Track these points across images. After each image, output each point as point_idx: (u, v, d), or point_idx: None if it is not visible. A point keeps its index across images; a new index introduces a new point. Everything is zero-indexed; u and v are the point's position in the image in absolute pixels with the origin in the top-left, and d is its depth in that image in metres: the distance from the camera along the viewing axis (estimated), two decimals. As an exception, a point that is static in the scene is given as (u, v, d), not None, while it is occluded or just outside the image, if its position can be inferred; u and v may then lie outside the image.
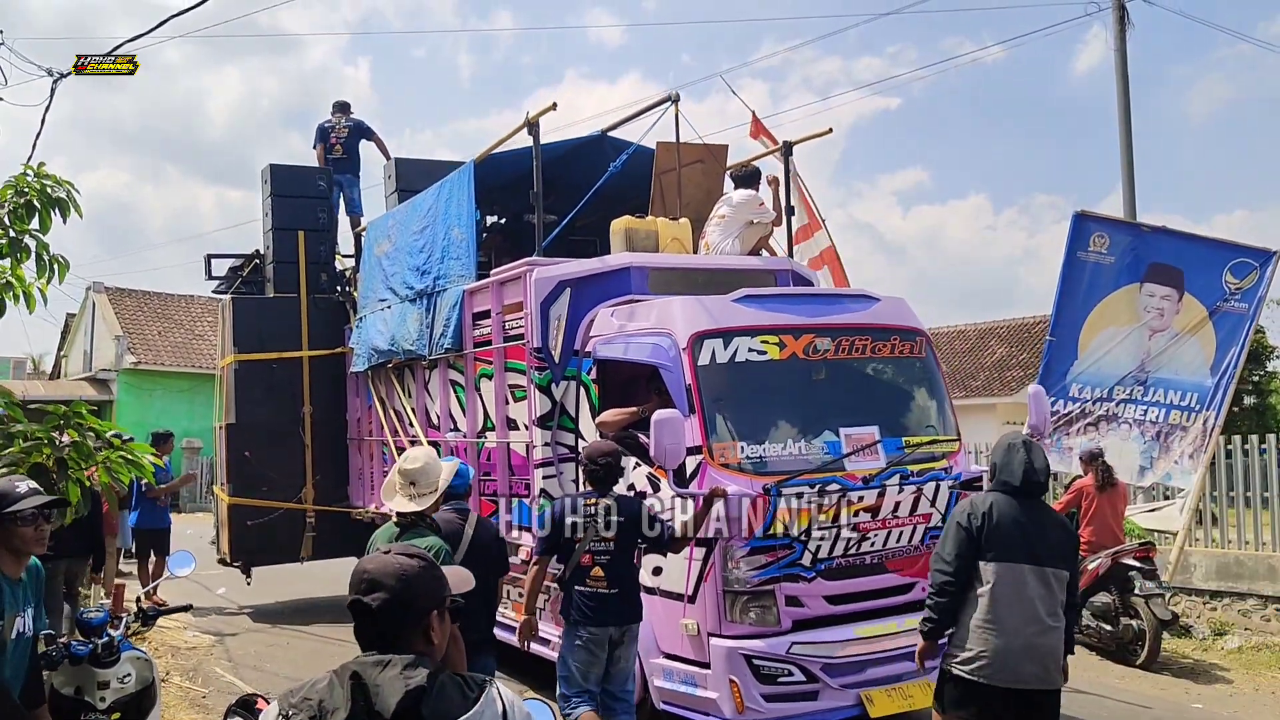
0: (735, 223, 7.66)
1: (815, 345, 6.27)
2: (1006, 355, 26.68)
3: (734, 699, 5.59)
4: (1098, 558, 9.08)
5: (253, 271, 11.63)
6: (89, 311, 30.30)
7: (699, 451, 5.83)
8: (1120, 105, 15.14)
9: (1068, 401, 10.46)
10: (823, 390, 6.42)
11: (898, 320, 6.70)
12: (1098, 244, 10.35)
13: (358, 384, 10.75)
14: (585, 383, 6.81)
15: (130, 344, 27.36)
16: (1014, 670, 4.43)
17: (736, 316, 6.19)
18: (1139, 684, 8.33)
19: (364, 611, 2.10)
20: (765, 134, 12.83)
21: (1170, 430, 10.23)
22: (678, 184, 8.19)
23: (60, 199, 5.48)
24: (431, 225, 8.86)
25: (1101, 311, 10.38)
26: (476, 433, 8.08)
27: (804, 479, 5.84)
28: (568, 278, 7.07)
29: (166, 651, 8.72)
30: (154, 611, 5.27)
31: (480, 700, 2.05)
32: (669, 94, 7.85)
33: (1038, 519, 4.59)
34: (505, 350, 7.55)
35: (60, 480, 4.96)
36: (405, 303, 9.21)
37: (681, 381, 5.98)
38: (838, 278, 12.66)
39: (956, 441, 6.64)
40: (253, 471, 10.77)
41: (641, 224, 7.66)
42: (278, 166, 11.38)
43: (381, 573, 2.11)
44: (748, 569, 5.71)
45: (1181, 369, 10.23)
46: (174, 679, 7.84)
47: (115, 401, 26.71)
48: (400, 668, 2.02)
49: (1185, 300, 10.27)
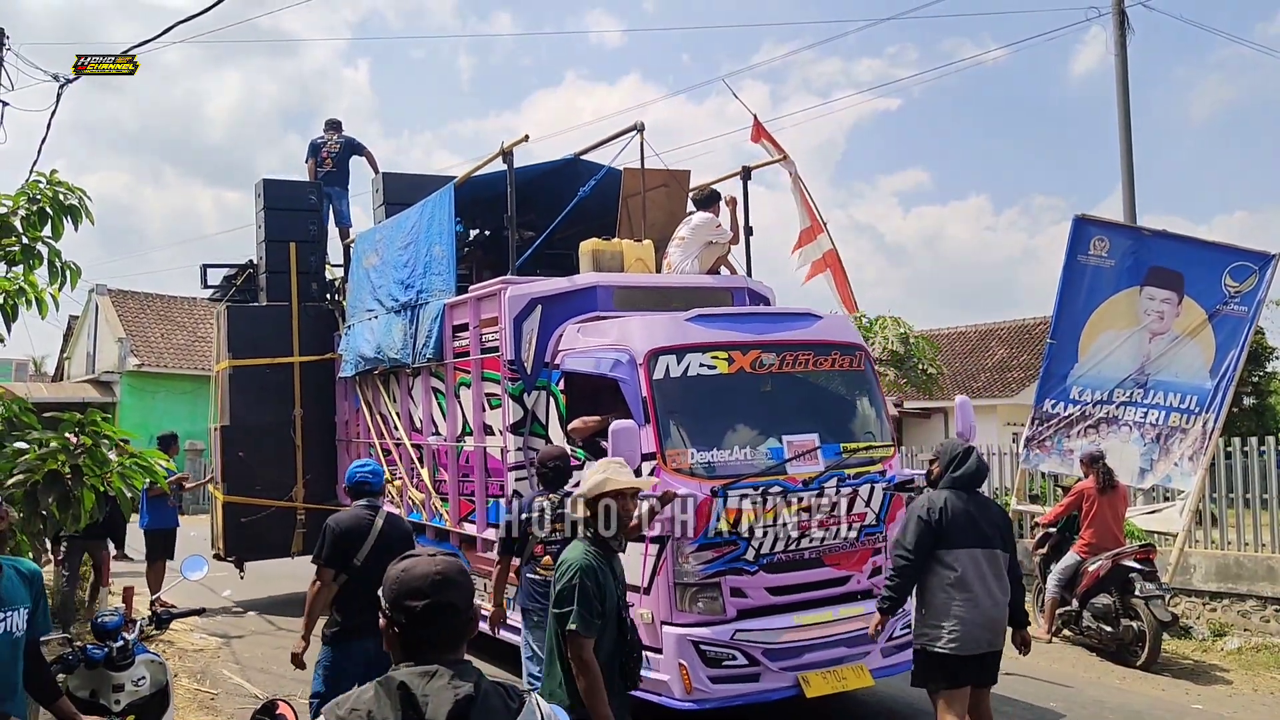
0: (694, 243, 8.27)
1: (761, 360, 6.89)
2: (1007, 357, 26.62)
3: (683, 681, 6.21)
4: (1098, 560, 9.10)
5: (246, 280, 12.20)
6: (92, 313, 30.39)
7: (653, 457, 6.44)
8: (1120, 109, 15.22)
9: (1068, 404, 10.61)
10: (768, 401, 7.02)
11: (838, 336, 7.33)
12: (1098, 247, 10.49)
13: (346, 388, 11.33)
14: (554, 393, 7.42)
15: (133, 346, 27.48)
16: (978, 640, 5.28)
17: (689, 334, 6.79)
18: (1139, 685, 8.35)
19: (447, 611, 2.12)
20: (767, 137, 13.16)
21: (1170, 432, 10.29)
22: (642, 207, 8.80)
23: (72, 206, 5.59)
24: (415, 242, 9.44)
25: (1102, 314, 10.51)
26: (456, 437, 8.68)
27: (749, 482, 6.45)
28: (539, 295, 7.68)
29: (174, 654, 8.91)
30: (167, 615, 5.38)
31: (522, 711, 2.10)
32: (635, 123, 8.44)
33: (982, 509, 5.48)
34: (482, 361, 8.16)
35: (75, 487, 5.16)
36: (390, 314, 9.79)
37: (638, 394, 6.58)
38: (839, 281, 13.13)
39: (891, 447, 7.27)
40: (246, 471, 11.35)
41: (608, 245, 8.27)
42: (270, 181, 11.97)
43: (451, 571, 2.16)
44: (696, 564, 6.33)
45: (1181, 371, 10.28)
46: (183, 681, 7.95)
47: (118, 404, 26.76)
48: (448, 678, 2.05)
49: (1185, 303, 10.34)
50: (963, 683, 5.33)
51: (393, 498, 10.07)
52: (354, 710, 2.02)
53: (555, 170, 9.65)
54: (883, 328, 14.52)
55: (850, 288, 13.39)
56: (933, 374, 15.08)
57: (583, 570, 3.94)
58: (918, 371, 14.76)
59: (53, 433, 5.28)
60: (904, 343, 14.47)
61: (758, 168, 9.52)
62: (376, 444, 10.33)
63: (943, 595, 5.26)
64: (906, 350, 14.60)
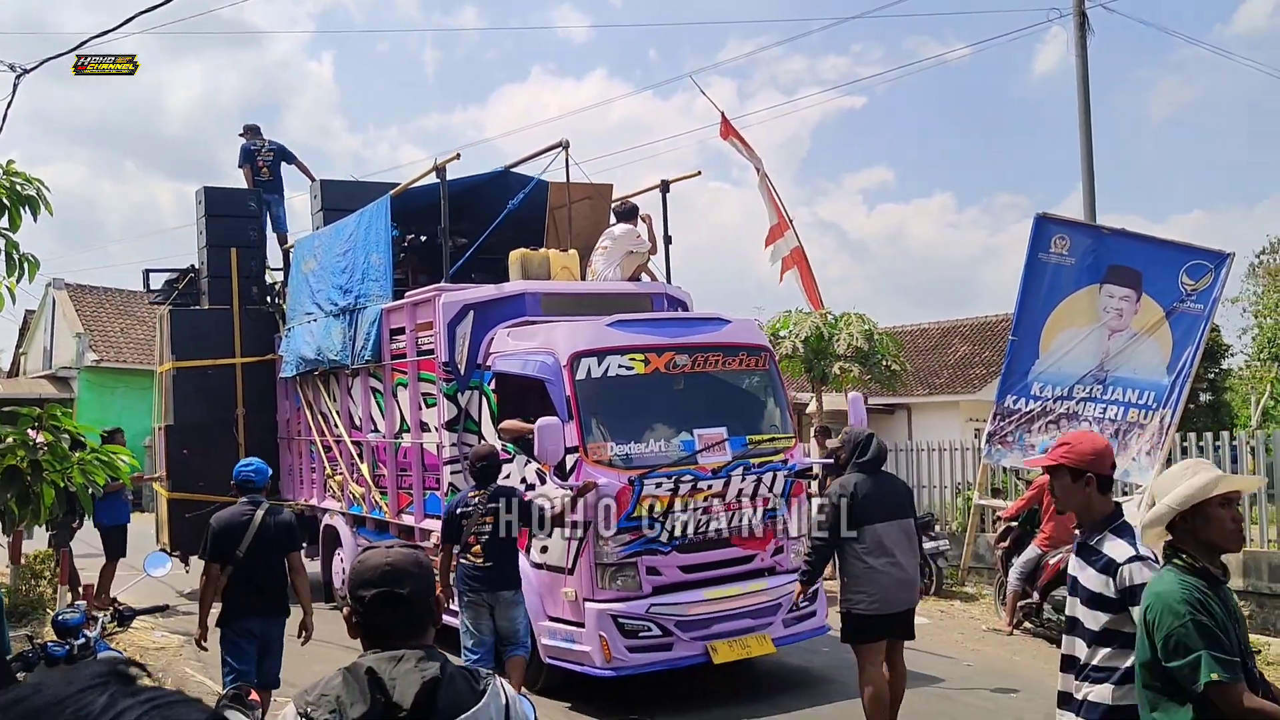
0: (616, 253, 8.94)
1: (675, 361, 7.58)
2: (969, 353, 26.32)
3: (603, 651, 6.90)
4: (1058, 553, 8.96)
5: (188, 285, 12.59)
6: (49, 308, 29.63)
7: (576, 451, 7.11)
8: (1081, 109, 15.29)
9: (1030, 400, 10.68)
10: (681, 398, 7.73)
11: (745, 339, 8.06)
12: (1059, 245, 10.55)
13: (287, 388, 11.81)
14: (486, 393, 8.04)
15: (91, 341, 26.84)
16: (894, 600, 6.08)
17: (609, 338, 7.46)
18: None
19: (396, 602, 2.17)
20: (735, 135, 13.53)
21: (1129, 428, 10.36)
22: (568, 218, 9.45)
23: (30, 196, 5.37)
24: (353, 249, 9.98)
25: (1062, 312, 10.59)
26: (394, 434, 9.26)
27: (663, 471, 7.16)
28: (471, 301, 8.30)
29: (136, 652, 8.76)
30: (130, 612, 5.33)
31: (486, 693, 2.15)
32: (561, 140, 9.09)
33: (887, 485, 6.37)
34: (418, 363, 8.75)
35: (35, 483, 4.99)
36: (330, 317, 10.31)
37: (562, 393, 7.24)
38: (805, 278, 13.62)
39: (793, 439, 8.01)
40: (190, 469, 11.74)
41: (535, 255, 8.91)
42: (211, 189, 12.38)
43: (403, 561, 2.22)
44: (615, 545, 7.01)
45: (1140, 368, 10.39)
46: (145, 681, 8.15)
47: (76, 400, 26.02)
48: (414, 661, 2.10)
49: (1143, 301, 10.45)
50: (881, 638, 6.17)
51: (334, 492, 10.63)
52: (322, 696, 2.06)
53: (487, 182, 10.23)
54: (847, 324, 14.71)
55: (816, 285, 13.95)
56: (896, 370, 15.25)
57: (1189, 605, 2.95)
58: (881, 368, 14.90)
59: (11, 428, 5.12)
60: (868, 339, 14.59)
61: (676, 181, 10.18)
62: (317, 441, 10.84)
63: (862, 565, 6.06)
64: (870, 347, 14.71)
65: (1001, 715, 7.12)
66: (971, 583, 11.95)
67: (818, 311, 14.31)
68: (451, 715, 2.07)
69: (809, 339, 14.30)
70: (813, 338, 14.31)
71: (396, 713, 2.03)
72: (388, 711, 2.02)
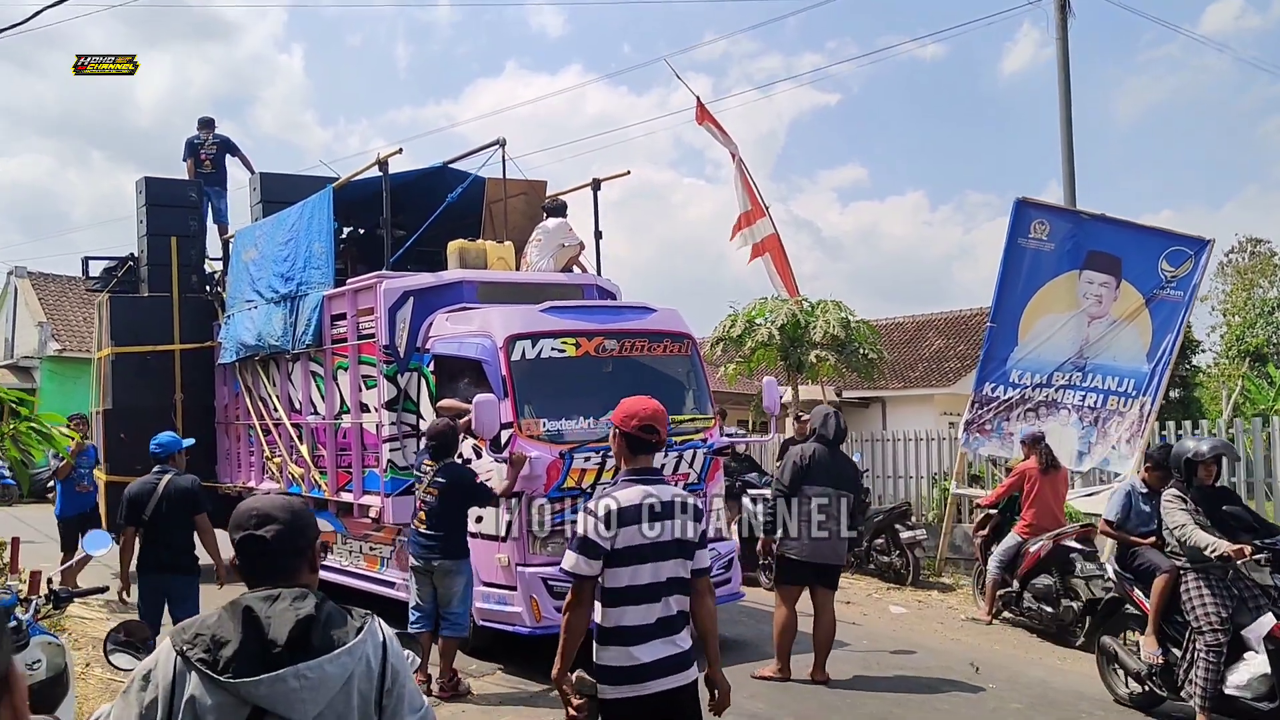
0: (549, 246, 9.48)
1: (604, 345, 8.14)
2: (944, 347, 26.46)
3: (534, 612, 7.43)
4: (1039, 540, 8.94)
5: (127, 273, 12.80)
6: (10, 297, 29.19)
7: (511, 426, 7.63)
8: (1061, 93, 15.12)
9: (1008, 388, 10.53)
10: (609, 380, 8.25)
11: (669, 326, 8.65)
12: (1038, 231, 10.43)
13: (225, 374, 12.09)
14: (425, 374, 8.52)
15: (54, 330, 26.43)
16: (823, 553, 7.23)
17: (542, 323, 7.99)
18: (1080, 665, 8.11)
19: (258, 544, 2.28)
20: (710, 119, 13.67)
21: (1108, 416, 10.23)
22: (504, 212, 9.97)
23: None
24: (295, 239, 10.34)
25: (1041, 298, 10.47)
26: (334, 415, 9.66)
27: (591, 446, 7.69)
28: (412, 288, 8.76)
29: (87, 643, 8.33)
30: (66, 594, 5.11)
31: (363, 630, 2.22)
32: (498, 138, 9.63)
33: (839, 461, 7.48)
34: (359, 346, 9.16)
35: None
36: (270, 304, 10.66)
37: (499, 373, 7.75)
38: (779, 264, 13.63)
39: (712, 419, 8.63)
40: (128, 452, 11.90)
41: (473, 245, 9.40)
42: (152, 179, 12.61)
43: (271, 508, 2.33)
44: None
45: (1119, 355, 10.29)
46: (95, 671, 7.45)
47: (38, 389, 25.00)
48: (289, 600, 2.18)
49: (1123, 287, 10.33)
50: (802, 584, 7.31)
51: (273, 474, 10.97)
52: (199, 635, 2.14)
53: (425, 176, 10.68)
54: (824, 312, 14.38)
55: (791, 271, 14.09)
56: (874, 359, 14.88)
57: None
58: (859, 356, 14.57)
59: None
60: (845, 327, 14.29)
61: (608, 180, 10.75)
62: (256, 425, 11.17)
63: (803, 518, 7.12)
64: (847, 335, 14.37)
65: (984, 704, 7.05)
66: (949, 573, 11.85)
67: (794, 299, 14.18)
68: (325, 651, 2.14)
69: (785, 326, 14.05)
70: (789, 325, 14.05)
71: (271, 648, 2.10)
72: (262, 647, 2.10)
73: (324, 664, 2.13)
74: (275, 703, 2.10)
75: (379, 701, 2.24)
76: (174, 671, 2.14)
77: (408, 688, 2.30)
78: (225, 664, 2.09)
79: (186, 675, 2.12)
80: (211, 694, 2.09)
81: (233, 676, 2.08)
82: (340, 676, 2.15)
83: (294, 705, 2.10)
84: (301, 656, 2.12)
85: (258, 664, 2.09)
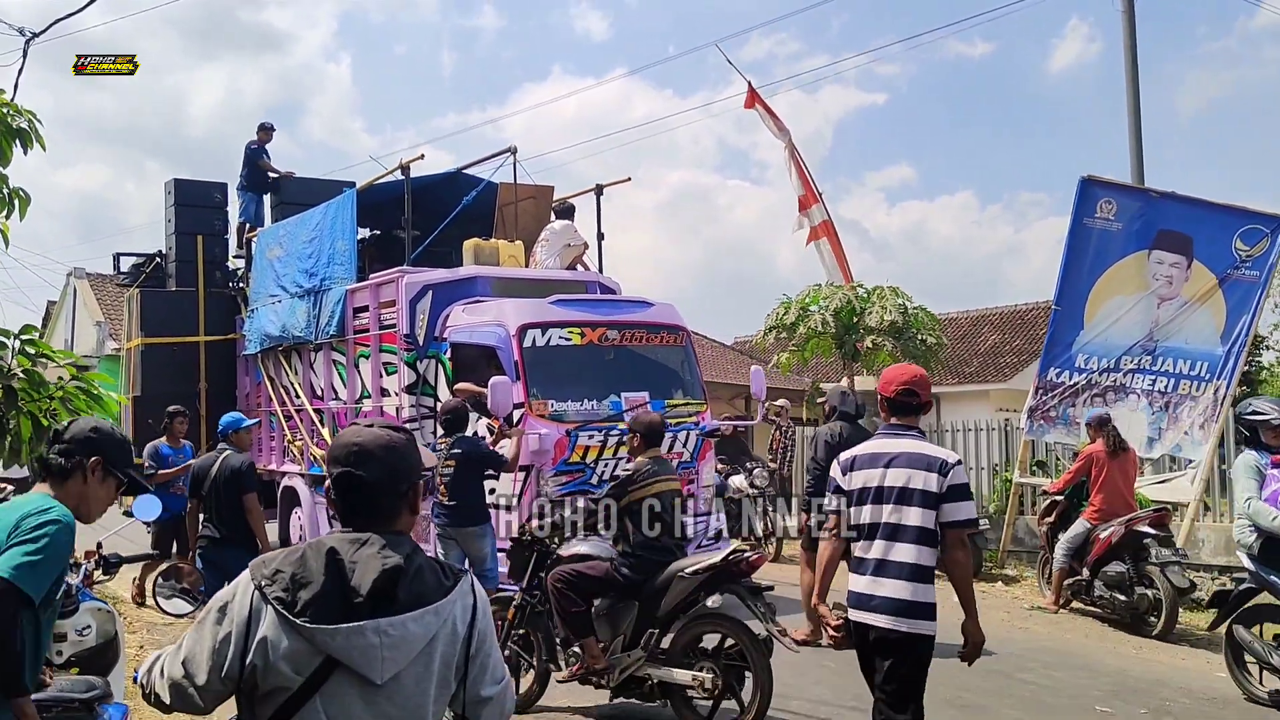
0: (556, 245, 10.33)
1: (606, 335, 8.99)
2: (1000, 342, 25.74)
3: (542, 573, 8.22)
4: (1110, 525, 8.52)
5: (155, 269, 13.59)
6: (70, 298, 29.63)
7: (522, 406, 8.45)
8: (1129, 77, 14.69)
9: (1074, 373, 10.11)
10: (611, 366, 9.10)
11: (665, 319, 9.49)
12: (1105, 210, 9.97)
13: (247, 365, 12.89)
14: (442, 360, 9.34)
15: (111, 330, 26.26)
16: None
17: (551, 314, 8.83)
18: (1159, 654, 7.81)
19: (354, 482, 2.09)
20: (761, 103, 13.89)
21: (1180, 400, 9.83)
22: (515, 214, 10.81)
23: (22, 129, 4.96)
24: (319, 237, 11.17)
25: (1109, 279, 10.04)
26: (355, 400, 10.47)
27: (594, 426, 8.54)
28: (431, 282, 9.59)
29: (142, 627, 8.48)
30: (116, 559, 4.80)
31: (455, 589, 2.06)
32: (510, 147, 10.50)
33: (864, 435, 7.90)
34: (380, 336, 9.99)
35: (9, 412, 4.50)
36: (294, 298, 11.47)
37: (512, 358, 8.58)
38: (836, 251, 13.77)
39: (704, 404, 9.47)
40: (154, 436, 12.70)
41: (487, 244, 10.25)
42: (180, 181, 13.40)
43: (372, 443, 2.12)
44: (553, 485, 8.36)
45: (1192, 337, 9.86)
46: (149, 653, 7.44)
47: None
48: (378, 547, 2.01)
49: (1194, 267, 9.91)
50: None
51: (294, 456, 11.76)
52: (279, 572, 2.00)
53: (439, 182, 11.53)
54: (880, 298, 13.75)
55: (846, 258, 14.15)
56: (933, 344, 14.01)
57: None
58: (916, 342, 13.78)
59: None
60: (902, 313, 13.65)
61: (610, 185, 11.61)
62: (278, 411, 11.96)
63: None
64: (905, 321, 13.72)
65: (1062, 691, 6.80)
66: (1011, 565, 11.37)
67: (848, 284, 13.90)
68: (412, 607, 1.99)
69: (839, 312, 13.64)
70: (844, 311, 13.64)
71: (353, 597, 1.96)
72: (344, 594, 1.96)
73: (407, 621, 2.00)
74: (351, 656, 1.96)
75: (462, 668, 2.09)
76: (250, 607, 2.00)
77: (492, 657, 2.16)
78: (303, 607, 1.96)
79: (263, 612, 1.98)
80: (286, 636, 1.96)
81: (309, 621, 1.95)
82: (424, 637, 2.01)
83: (371, 662, 1.97)
84: (385, 610, 1.98)
85: (337, 612, 1.96)
